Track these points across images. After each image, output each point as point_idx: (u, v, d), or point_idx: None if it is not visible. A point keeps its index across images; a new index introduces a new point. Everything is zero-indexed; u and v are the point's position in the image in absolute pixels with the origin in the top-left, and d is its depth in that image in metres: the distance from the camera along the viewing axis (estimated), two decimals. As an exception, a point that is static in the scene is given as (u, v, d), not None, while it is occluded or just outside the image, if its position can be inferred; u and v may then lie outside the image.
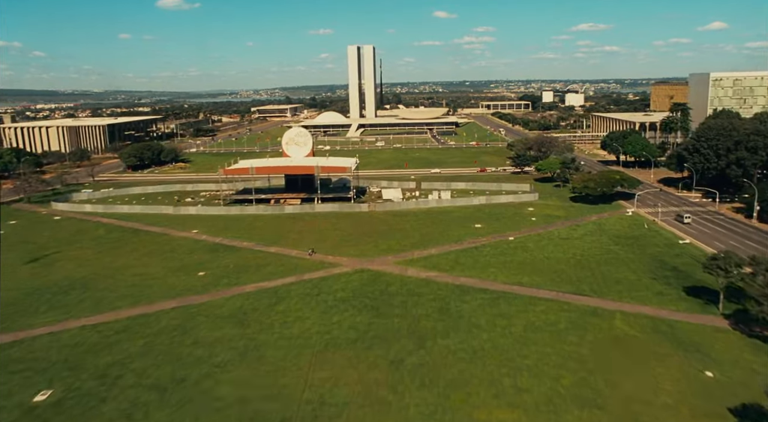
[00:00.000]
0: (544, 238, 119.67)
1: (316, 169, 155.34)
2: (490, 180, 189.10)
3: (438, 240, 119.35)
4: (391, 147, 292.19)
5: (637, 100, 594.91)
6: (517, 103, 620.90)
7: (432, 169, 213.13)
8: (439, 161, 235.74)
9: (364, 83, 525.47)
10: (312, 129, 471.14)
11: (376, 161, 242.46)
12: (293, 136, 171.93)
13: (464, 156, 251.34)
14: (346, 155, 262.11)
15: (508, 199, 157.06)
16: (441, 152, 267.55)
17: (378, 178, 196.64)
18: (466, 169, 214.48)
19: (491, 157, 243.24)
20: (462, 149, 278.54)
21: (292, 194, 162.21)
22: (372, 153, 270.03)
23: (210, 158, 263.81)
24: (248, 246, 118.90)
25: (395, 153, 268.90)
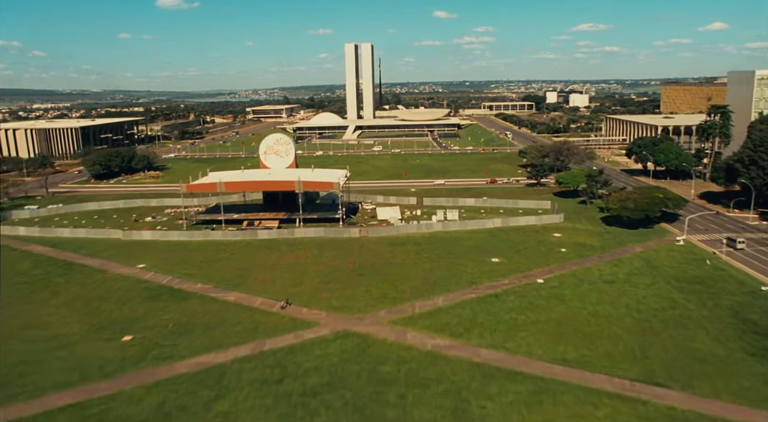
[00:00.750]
0: (583, 280, 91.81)
1: (297, 185, 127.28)
2: (503, 194, 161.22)
3: (446, 283, 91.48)
4: (389, 152, 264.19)
5: (646, 101, 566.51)
6: (520, 104, 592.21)
7: (435, 180, 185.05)
8: (443, 170, 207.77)
9: (362, 83, 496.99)
10: (307, 131, 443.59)
11: (373, 169, 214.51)
12: (272, 144, 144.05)
13: (470, 163, 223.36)
14: (340, 161, 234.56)
15: (528, 220, 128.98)
16: (444, 159, 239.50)
17: (373, 190, 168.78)
18: (473, 180, 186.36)
19: (501, 165, 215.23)
20: (467, 155, 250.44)
21: (269, 214, 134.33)
22: (368, 159, 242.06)
23: (189, 165, 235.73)
24: (202, 291, 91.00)
25: (394, 159, 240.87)
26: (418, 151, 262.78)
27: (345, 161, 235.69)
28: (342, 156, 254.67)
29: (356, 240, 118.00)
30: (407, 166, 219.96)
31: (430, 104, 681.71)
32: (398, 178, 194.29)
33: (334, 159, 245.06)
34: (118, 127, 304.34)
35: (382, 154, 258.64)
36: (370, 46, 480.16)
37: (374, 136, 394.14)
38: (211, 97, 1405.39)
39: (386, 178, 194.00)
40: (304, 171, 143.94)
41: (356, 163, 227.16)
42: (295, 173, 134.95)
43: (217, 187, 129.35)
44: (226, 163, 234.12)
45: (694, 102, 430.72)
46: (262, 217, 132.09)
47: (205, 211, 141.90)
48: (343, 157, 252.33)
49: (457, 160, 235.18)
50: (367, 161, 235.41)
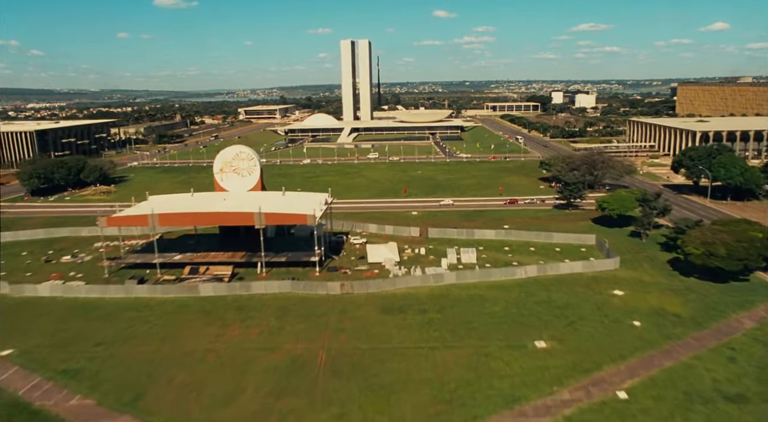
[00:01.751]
0: (690, 394, 55.70)
1: (257, 219, 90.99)
2: (528, 221, 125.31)
3: (470, 401, 55.45)
4: (386, 160, 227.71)
5: (659, 102, 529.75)
6: (525, 105, 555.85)
7: (441, 200, 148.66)
8: (450, 184, 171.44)
9: (359, 82, 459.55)
10: (299, 133, 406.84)
11: (366, 183, 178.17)
12: (230, 159, 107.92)
13: (481, 175, 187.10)
14: (330, 171, 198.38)
15: (573, 267, 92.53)
16: (450, 169, 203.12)
17: (365, 214, 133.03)
18: (488, 200, 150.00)
19: (517, 178, 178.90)
20: (476, 164, 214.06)
21: (224, 254, 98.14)
22: (362, 169, 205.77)
23: (154, 176, 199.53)
24: (73, 416, 54.96)
25: (392, 169, 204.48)
26: (420, 159, 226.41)
27: (335, 171, 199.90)
28: (332, 165, 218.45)
29: (335, 300, 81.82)
30: (407, 178, 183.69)
31: (431, 104, 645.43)
32: (396, 195, 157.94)
33: (322, 168, 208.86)
34: (84, 130, 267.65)
35: (378, 163, 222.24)
36: (368, 43, 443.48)
37: (371, 139, 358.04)
38: (209, 97, 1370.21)
39: (382, 196, 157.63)
40: (271, 196, 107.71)
41: (347, 175, 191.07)
42: (257, 200, 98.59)
43: (148, 220, 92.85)
44: (198, 173, 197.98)
45: (715, 103, 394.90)
46: (213, 260, 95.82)
47: (139, 248, 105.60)
48: (333, 165, 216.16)
49: (465, 170, 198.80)
50: (360, 172, 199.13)
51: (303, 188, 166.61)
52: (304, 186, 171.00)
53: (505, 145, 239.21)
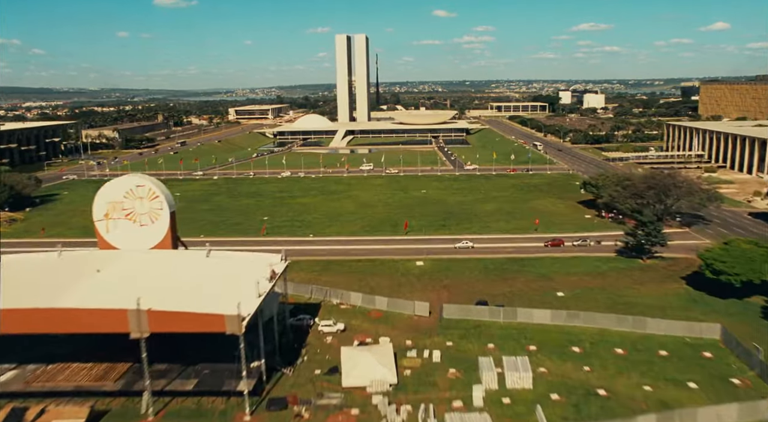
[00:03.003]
0: None
1: (134, 324, 47.31)
2: (588, 277, 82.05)
3: None
4: (383, 172, 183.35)
5: (678, 102, 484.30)
6: (531, 105, 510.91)
7: (458, 239, 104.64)
8: (465, 211, 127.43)
9: (355, 80, 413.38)
10: (289, 136, 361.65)
11: (355, 208, 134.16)
12: (121, 198, 64.40)
13: (503, 196, 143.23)
14: (310, 189, 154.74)
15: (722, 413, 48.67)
16: (462, 186, 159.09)
17: (348, 263, 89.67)
18: (520, 238, 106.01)
19: (552, 202, 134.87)
20: (492, 178, 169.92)
21: (95, 368, 54.50)
22: (353, 186, 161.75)
23: (92, 195, 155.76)
24: None
25: (389, 187, 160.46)
26: (423, 172, 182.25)
27: (318, 188, 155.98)
28: (316, 179, 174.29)
29: None
30: (409, 200, 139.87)
31: (432, 104, 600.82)
32: (395, 229, 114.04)
33: (303, 184, 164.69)
34: (33, 134, 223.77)
35: (372, 176, 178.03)
36: (365, 38, 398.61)
37: (368, 143, 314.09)
38: (207, 96, 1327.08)
39: (375, 230, 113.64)
40: (184, 262, 63.92)
41: (333, 195, 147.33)
42: (155, 271, 54.84)
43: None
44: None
45: (744, 103, 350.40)
46: (64, 386, 52.18)
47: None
48: (317, 180, 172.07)
49: (482, 188, 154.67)
50: (350, 190, 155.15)
51: (271, 216, 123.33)
52: (273, 213, 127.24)
53: (526, 155, 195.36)
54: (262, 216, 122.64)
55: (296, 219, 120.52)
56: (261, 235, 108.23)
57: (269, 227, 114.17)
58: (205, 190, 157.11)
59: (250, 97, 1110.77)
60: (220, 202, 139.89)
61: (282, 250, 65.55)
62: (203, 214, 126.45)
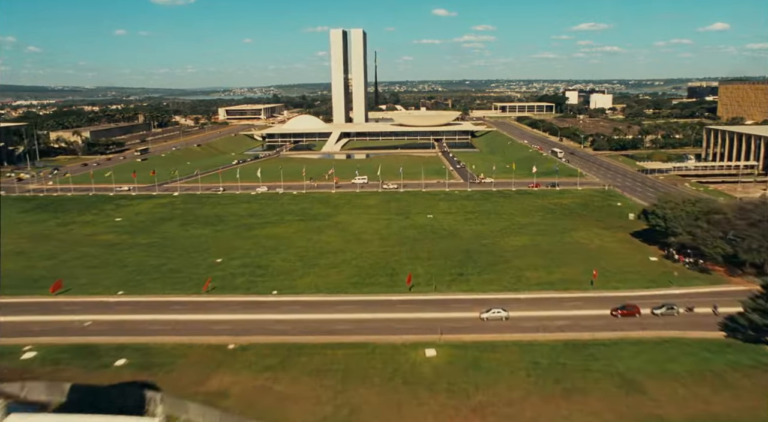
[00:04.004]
0: None
1: None
2: (696, 387, 48.86)
3: None
4: (379, 187, 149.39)
5: (693, 102, 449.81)
6: (537, 105, 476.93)
7: (484, 300, 71.37)
8: (487, 251, 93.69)
9: (352, 78, 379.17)
10: (279, 138, 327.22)
11: (341, 244, 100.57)
12: None
13: (532, 224, 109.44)
14: (288, 211, 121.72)
15: None
16: (477, 208, 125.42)
17: (320, 348, 56.56)
18: (573, 299, 72.69)
19: (597, 234, 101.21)
20: (513, 196, 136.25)
21: None
22: (340, 208, 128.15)
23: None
24: None
25: (386, 209, 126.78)
26: (428, 186, 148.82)
27: (297, 211, 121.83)
28: (296, 197, 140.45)
29: None
30: (411, 230, 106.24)
31: (433, 104, 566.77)
32: (392, 279, 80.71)
33: (277, 206, 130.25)
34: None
35: (366, 193, 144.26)
36: (362, 33, 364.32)
37: (364, 146, 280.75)
38: (205, 95, 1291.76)
39: (364, 283, 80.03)
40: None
41: (314, 222, 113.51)
42: None
43: None
44: (81, 214, 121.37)
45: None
46: None
47: None
48: (297, 199, 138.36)
49: (502, 210, 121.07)
50: (336, 213, 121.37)
51: (227, 256, 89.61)
52: (232, 250, 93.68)
53: (548, 165, 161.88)
54: (215, 258, 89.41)
55: (259, 263, 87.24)
56: (202, 292, 75.31)
57: (220, 276, 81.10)
58: (156, 212, 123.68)
59: (247, 96, 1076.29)
60: (167, 233, 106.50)
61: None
62: (137, 254, 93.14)
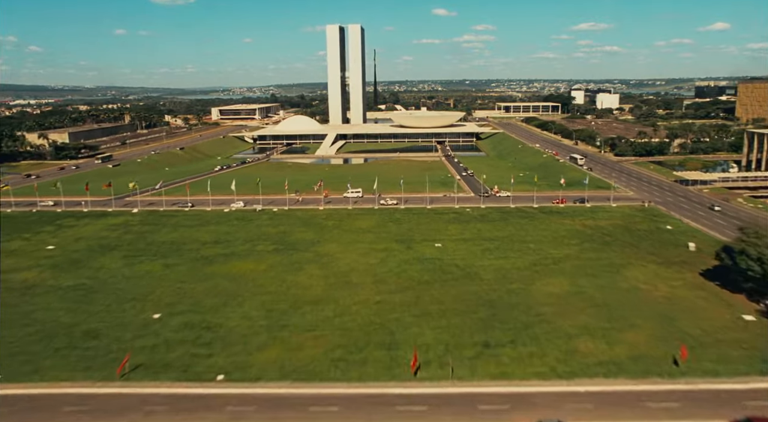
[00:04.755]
0: None
1: None
2: None
3: None
4: (375, 203, 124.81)
5: (707, 102, 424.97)
6: (543, 105, 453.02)
7: (522, 395, 47.48)
8: (516, 301, 69.83)
9: (349, 77, 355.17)
10: (271, 140, 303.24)
11: (321, 290, 76.46)
12: None
13: (569, 257, 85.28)
14: (261, 236, 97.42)
15: None
16: (496, 234, 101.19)
17: None
18: (652, 393, 48.98)
19: (655, 272, 77.22)
20: (536, 216, 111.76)
21: None
22: (328, 232, 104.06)
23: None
24: None
25: (383, 235, 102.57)
26: (434, 201, 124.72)
27: (272, 238, 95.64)
28: (276, 216, 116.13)
29: None
30: (414, 269, 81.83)
31: (434, 104, 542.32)
32: (390, 354, 56.98)
33: (250, 229, 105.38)
34: None
35: (360, 211, 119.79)
36: (360, 29, 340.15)
37: (362, 150, 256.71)
38: (204, 94, 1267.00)
39: (350, 362, 56.05)
40: None
41: (293, 254, 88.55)
42: None
43: None
44: (12, 237, 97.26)
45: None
46: None
47: None
48: (277, 218, 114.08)
49: (528, 237, 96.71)
50: (321, 240, 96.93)
51: (169, 309, 63.83)
52: (179, 299, 68.84)
53: (571, 175, 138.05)
54: (152, 312, 65.44)
55: (209, 322, 63.26)
56: (116, 377, 51.50)
57: (151, 345, 57.21)
58: (102, 237, 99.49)
59: (246, 96, 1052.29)
60: (102, 270, 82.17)
61: None
62: (51, 304, 69.02)
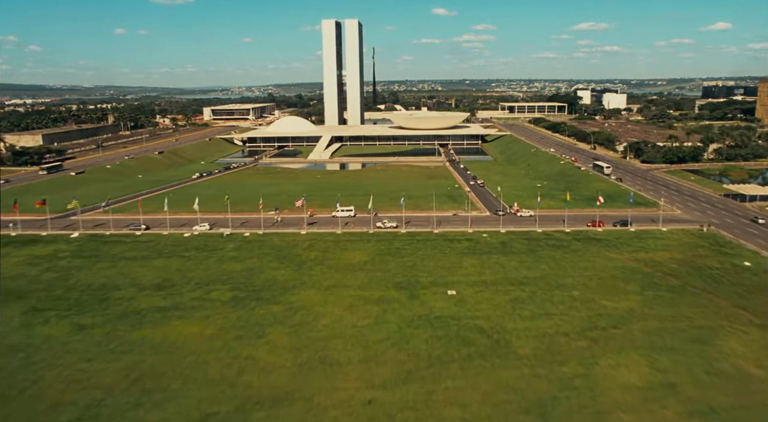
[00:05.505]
0: None
1: None
2: None
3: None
4: (370, 226, 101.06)
5: (723, 102, 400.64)
6: (549, 105, 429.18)
7: None
8: (575, 405, 46.66)
9: (346, 75, 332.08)
10: (261, 143, 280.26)
11: (284, 379, 52.56)
12: None
13: (630, 312, 61.97)
14: (231, 265, 72.97)
15: None
16: (526, 274, 77.60)
17: None
18: None
19: (763, 344, 54.31)
20: (570, 245, 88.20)
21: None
22: (307, 268, 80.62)
23: None
24: None
25: (378, 274, 79.09)
26: (442, 225, 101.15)
27: (236, 278, 69.23)
28: (246, 244, 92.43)
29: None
30: (421, 333, 58.30)
31: (435, 104, 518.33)
32: None
33: (210, 264, 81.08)
34: None
35: (350, 238, 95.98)
36: (357, 24, 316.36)
37: (359, 153, 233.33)
38: (203, 94, 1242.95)
39: None
40: None
41: (257, 307, 63.99)
42: None
43: None
44: None
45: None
46: None
47: None
48: (246, 247, 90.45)
49: (568, 278, 73.36)
50: (296, 286, 73.28)
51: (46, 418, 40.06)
52: (72, 394, 44.69)
53: (629, 200, 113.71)
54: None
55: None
56: None
57: None
58: (15, 276, 75.85)
59: (245, 96, 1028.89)
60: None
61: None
62: None
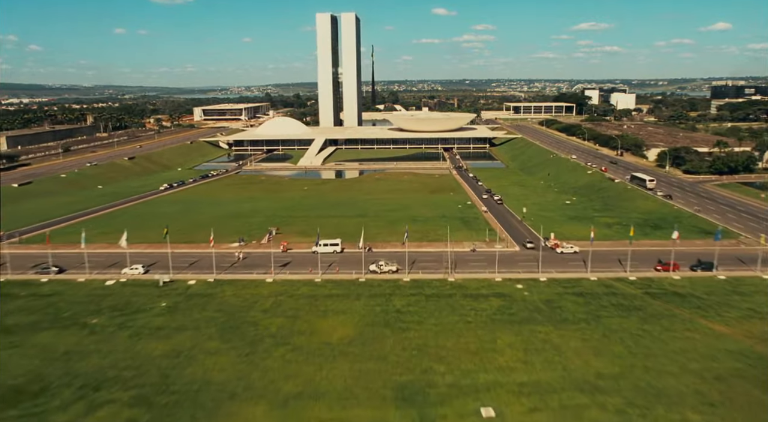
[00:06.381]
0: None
1: None
2: None
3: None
4: (361, 275, 74.08)
5: (743, 103, 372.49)
6: (556, 106, 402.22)
7: None
8: None
9: (342, 73, 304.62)
10: (249, 146, 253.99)
11: None
12: None
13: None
14: (165, 325, 44.41)
15: None
16: (594, 366, 50.87)
17: None
18: None
19: None
20: (643, 311, 61.42)
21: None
22: (255, 361, 53.16)
23: None
24: None
25: (369, 367, 52.14)
26: (459, 268, 74.34)
27: (137, 377, 43.11)
28: (186, 301, 66.25)
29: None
30: None
31: (436, 104, 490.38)
32: None
33: (112, 347, 54.25)
34: None
35: (333, 291, 69.10)
36: (354, 19, 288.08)
37: (356, 158, 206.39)
38: (202, 94, 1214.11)
39: None
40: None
41: None
42: None
43: None
44: None
45: None
46: None
47: None
48: (178, 309, 63.81)
49: (665, 379, 46.31)
50: (230, 404, 47.12)
51: None
52: None
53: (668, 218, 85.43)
54: None
55: None
56: None
57: None
58: None
59: (243, 95, 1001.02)
60: None
61: None
62: None
